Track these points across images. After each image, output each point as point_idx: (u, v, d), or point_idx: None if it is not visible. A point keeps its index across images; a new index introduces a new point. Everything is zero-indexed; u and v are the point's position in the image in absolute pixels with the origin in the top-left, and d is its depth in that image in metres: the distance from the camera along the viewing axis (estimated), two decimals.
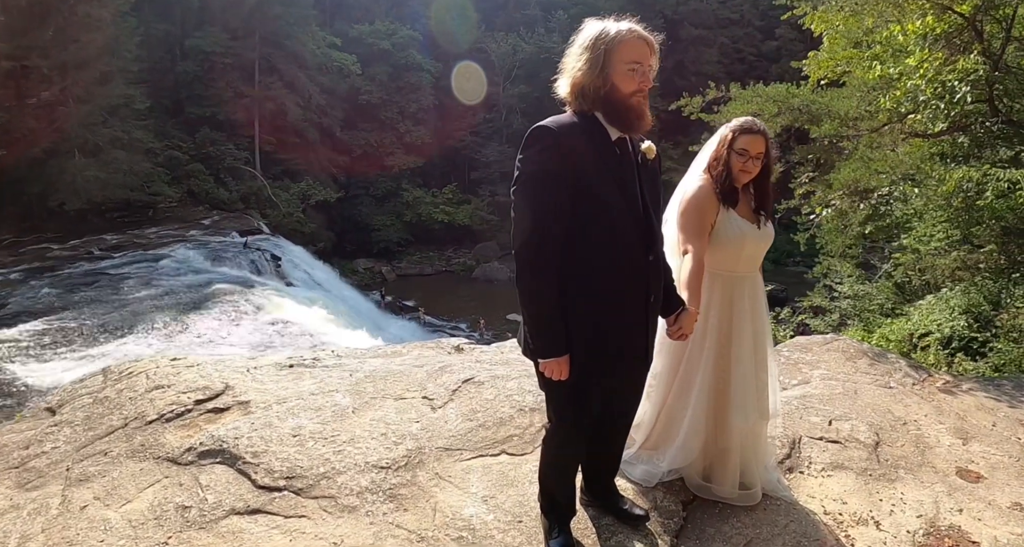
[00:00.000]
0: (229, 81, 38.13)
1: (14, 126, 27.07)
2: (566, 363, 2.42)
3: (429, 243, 45.41)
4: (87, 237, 27.40)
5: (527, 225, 2.38)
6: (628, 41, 2.47)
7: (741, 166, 3.13)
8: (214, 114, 37.85)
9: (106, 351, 15.52)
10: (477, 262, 44.22)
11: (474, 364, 4.74)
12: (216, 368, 4.75)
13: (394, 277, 42.49)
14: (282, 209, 37.41)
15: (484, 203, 45.43)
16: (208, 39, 37.71)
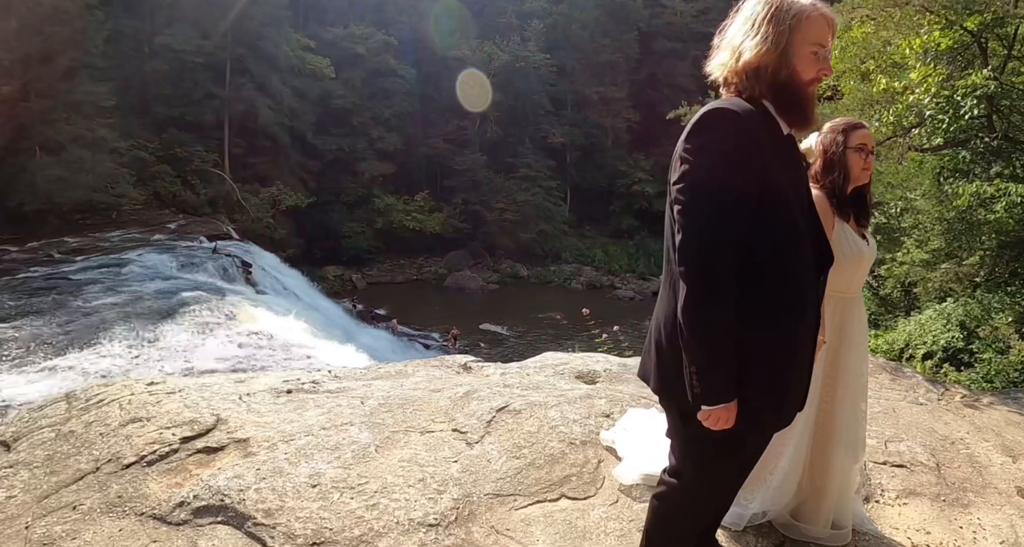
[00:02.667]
0: (199, 81, 37.08)
1: None
2: (735, 409, 1.97)
3: (400, 251, 44.77)
4: (46, 239, 26.11)
5: (704, 234, 1.89)
6: (814, 18, 2.03)
7: (863, 164, 2.84)
8: (183, 114, 36.72)
9: (68, 363, 14.51)
10: (448, 271, 43.80)
11: (502, 389, 4.14)
12: (202, 395, 4.02)
13: (364, 285, 41.83)
14: (251, 214, 36.50)
15: (456, 211, 44.92)
16: (178, 37, 36.48)
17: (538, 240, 45.52)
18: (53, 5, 27.77)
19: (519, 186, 45.26)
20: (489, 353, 31.53)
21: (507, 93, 46.23)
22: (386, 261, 44.33)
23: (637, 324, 34.57)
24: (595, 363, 4.77)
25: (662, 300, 2.11)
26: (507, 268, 45.09)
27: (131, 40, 37.15)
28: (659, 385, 2.13)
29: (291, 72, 40.46)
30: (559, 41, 49.61)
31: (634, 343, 16.01)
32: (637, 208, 49.60)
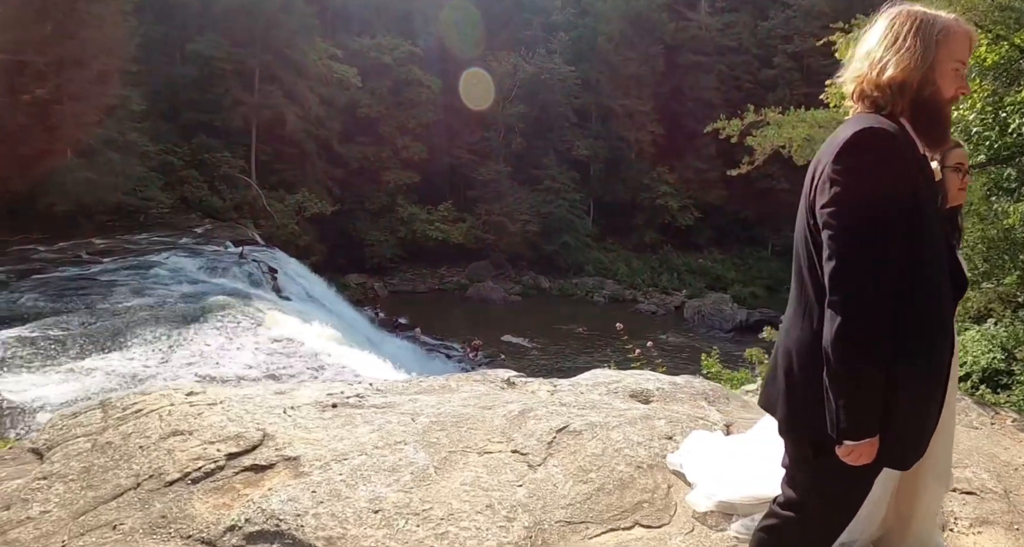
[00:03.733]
0: (228, 87, 37.18)
1: (5, 123, 25.91)
2: (876, 445, 1.89)
3: (422, 260, 44.64)
4: (75, 240, 26.20)
5: (860, 259, 1.83)
6: (959, 34, 2.00)
7: (960, 183, 2.82)
8: (211, 120, 36.88)
9: (94, 365, 14.35)
10: (471, 281, 43.61)
11: (558, 407, 3.94)
12: (245, 408, 3.80)
13: (386, 293, 41.74)
14: (276, 220, 36.39)
15: (479, 222, 44.73)
16: (209, 44, 36.76)
17: (561, 252, 45.22)
18: (88, 10, 27.92)
19: (543, 198, 45.02)
20: (511, 365, 31.06)
21: (532, 105, 46.07)
22: (408, 270, 44.25)
23: (666, 340, 34.41)
24: (646, 382, 4.60)
25: (792, 327, 2.03)
26: (529, 280, 44.82)
27: (163, 46, 37.50)
28: (788, 416, 2.04)
29: (318, 80, 40.48)
30: (584, 53, 49.43)
31: (667, 359, 15.71)
32: (660, 222, 49.22)
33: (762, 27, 53.00)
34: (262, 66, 37.94)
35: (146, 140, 31.42)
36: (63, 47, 27.14)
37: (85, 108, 27.92)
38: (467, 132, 47.05)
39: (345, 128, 42.48)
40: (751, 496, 2.95)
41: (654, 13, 51.79)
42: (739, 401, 4.51)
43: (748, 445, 3.18)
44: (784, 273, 33.91)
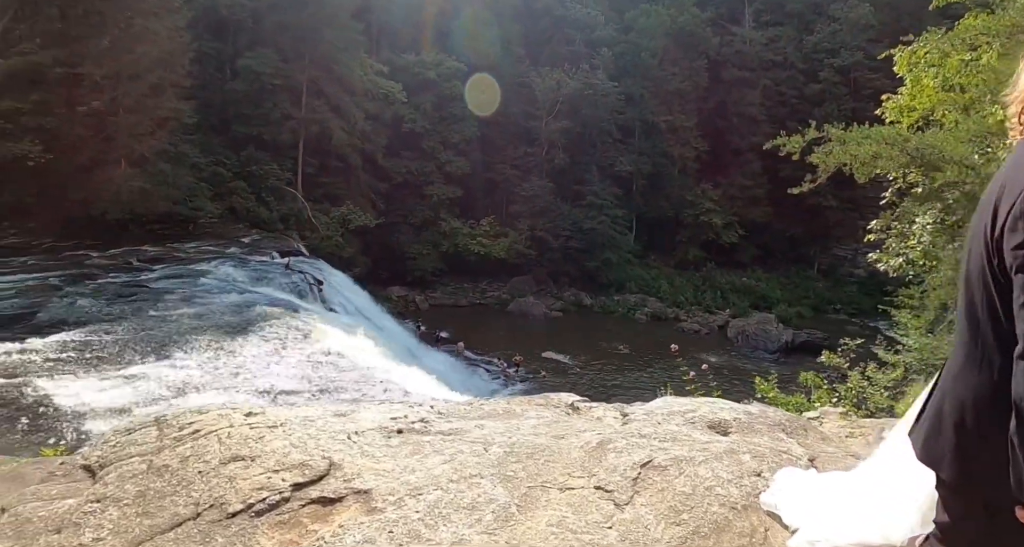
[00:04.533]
0: (277, 102, 37.68)
1: (63, 133, 26.59)
2: None
3: (464, 274, 44.56)
4: (127, 247, 26.61)
5: None
6: None
7: None
8: (260, 133, 37.29)
9: (142, 372, 14.32)
10: (512, 296, 43.35)
11: (639, 439, 3.65)
12: (308, 433, 3.55)
13: (427, 307, 41.69)
14: (321, 232, 36.68)
15: (522, 237, 44.41)
16: (259, 60, 37.24)
17: (603, 269, 44.72)
18: (144, 25, 28.50)
19: (585, 214, 44.56)
20: (552, 382, 30.81)
21: (575, 120, 45.77)
22: (450, 284, 44.18)
23: (710, 361, 33.57)
24: (721, 411, 4.35)
25: (964, 377, 1.81)
26: (571, 296, 44.37)
27: (214, 61, 38.12)
28: (960, 473, 1.83)
29: (364, 96, 40.79)
30: (627, 69, 49.00)
31: (723, 383, 15.16)
32: (704, 239, 48.45)
33: (807, 41, 52.14)
34: (310, 81, 38.37)
35: (197, 152, 31.91)
36: (120, 61, 27.74)
37: (139, 120, 28.52)
38: (510, 147, 47.01)
39: (390, 142, 42.64)
40: (859, 543, 2.72)
41: (698, 28, 51.34)
42: (815, 432, 4.27)
43: (851, 486, 2.94)
44: (830, 293, 33.16)
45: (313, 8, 37.24)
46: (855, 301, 46.45)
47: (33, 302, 19.00)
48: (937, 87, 9.88)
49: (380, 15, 44.27)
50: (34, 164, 25.08)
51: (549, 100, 45.54)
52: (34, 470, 3.76)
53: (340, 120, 38.58)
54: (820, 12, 52.99)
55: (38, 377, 13.60)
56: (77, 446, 10.44)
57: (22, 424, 11.80)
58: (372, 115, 40.86)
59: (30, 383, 13.22)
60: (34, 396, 12.76)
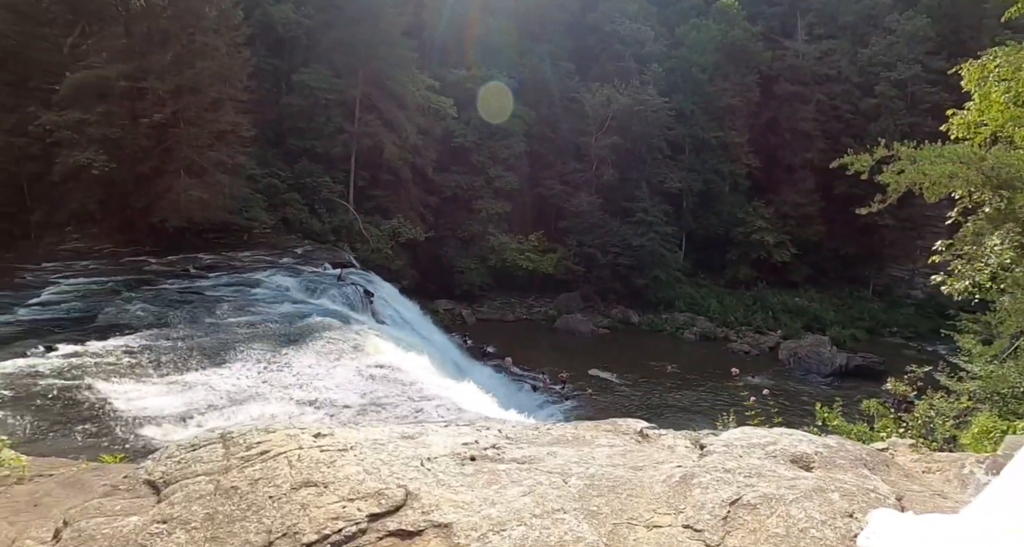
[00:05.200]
0: (331, 116, 38.17)
1: (126, 143, 27.19)
2: None
3: (511, 289, 44.40)
4: (184, 254, 27.05)
5: None
6: None
7: None
8: (314, 147, 37.76)
9: (197, 379, 14.14)
10: (559, 312, 43.01)
11: (723, 474, 3.61)
12: (380, 458, 3.55)
13: (474, 321, 41.52)
14: (371, 244, 36.79)
15: (570, 253, 44.08)
16: (314, 75, 37.86)
17: (651, 286, 44.00)
18: (204, 42, 28.96)
19: (634, 230, 43.93)
20: (598, 400, 30.22)
21: (624, 136, 45.26)
22: (497, 299, 44.03)
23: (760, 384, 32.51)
24: (800, 443, 4.27)
25: None
26: (618, 313, 43.76)
27: (271, 77, 38.79)
28: None
29: (416, 110, 40.95)
30: (678, 84, 48.43)
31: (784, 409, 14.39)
32: (755, 258, 47.40)
33: (862, 54, 50.89)
34: (363, 96, 38.71)
35: (253, 164, 32.31)
36: (181, 76, 28.26)
37: (199, 132, 28.93)
38: (559, 163, 46.71)
39: (440, 157, 42.75)
40: None
41: (749, 42, 50.65)
42: (897, 468, 4.13)
43: (960, 533, 2.75)
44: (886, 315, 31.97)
45: (367, 26, 37.69)
46: (912, 324, 44.88)
47: (94, 305, 19.23)
48: (1008, 102, 9.30)
49: (431, 32, 44.51)
50: (98, 173, 25.79)
51: (599, 116, 45.19)
52: (94, 477, 3.76)
53: (392, 134, 38.77)
54: (875, 24, 51.83)
55: (97, 379, 13.46)
56: (136, 451, 10.26)
57: (81, 427, 11.64)
58: (423, 130, 41.04)
59: (89, 385, 13.08)
60: (93, 398, 12.59)
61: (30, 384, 12.82)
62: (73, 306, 19.27)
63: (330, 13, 38.79)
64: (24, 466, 4.08)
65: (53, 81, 26.53)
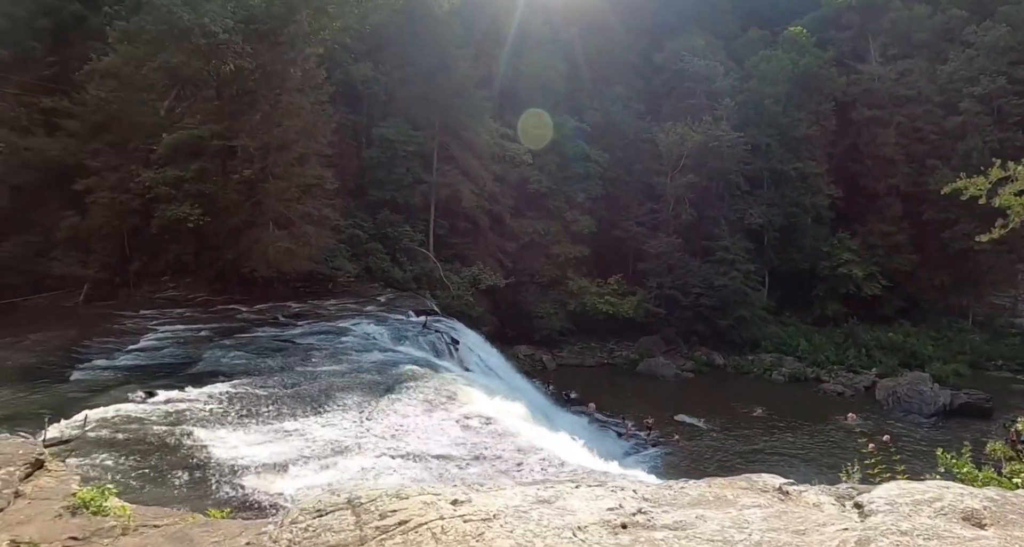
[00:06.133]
0: (409, 167, 38.60)
1: (219, 198, 28.11)
2: None
3: (592, 334, 43.43)
4: (272, 303, 27.38)
5: None
6: None
7: None
8: (394, 197, 38.17)
9: (294, 428, 13.72)
10: (641, 356, 41.79)
11: (898, 537, 3.47)
12: (529, 528, 3.43)
13: (555, 366, 40.67)
14: (452, 291, 36.64)
15: (651, 295, 42.85)
16: (392, 129, 38.51)
17: (735, 327, 42.31)
18: (290, 101, 29.85)
19: (716, 270, 42.50)
20: (686, 447, 28.91)
21: (700, 174, 44.27)
22: (577, 343, 43.19)
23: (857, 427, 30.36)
24: (965, 497, 4.05)
25: None
26: (702, 356, 42.21)
27: (352, 131, 39.61)
28: None
29: (491, 158, 41.29)
30: (751, 118, 47.23)
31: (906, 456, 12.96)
32: (843, 292, 45.11)
33: (941, 71, 48.32)
34: (440, 147, 39.20)
35: (337, 215, 32.70)
36: (269, 133, 29.13)
37: (286, 186, 29.49)
38: (635, 204, 45.96)
39: (516, 203, 42.73)
40: None
41: (822, 69, 49.12)
42: None
43: None
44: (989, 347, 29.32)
45: (441, 80, 38.37)
46: (1019, 355, 41.67)
47: (190, 352, 19.34)
48: None
49: (503, 81, 44.90)
50: (193, 226, 26.77)
51: (673, 155, 44.40)
52: (203, 533, 3.67)
53: (469, 183, 39.04)
54: (952, 39, 49.41)
55: (195, 426, 13.15)
56: (239, 504, 9.94)
57: (180, 474, 11.26)
58: (499, 177, 41.26)
59: (188, 432, 12.76)
60: (191, 445, 12.24)
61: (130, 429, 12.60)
62: (171, 352, 19.43)
63: (406, 69, 39.73)
64: (129, 515, 3.96)
65: (152, 142, 28.05)
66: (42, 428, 11.59)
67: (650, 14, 55.72)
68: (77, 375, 17.11)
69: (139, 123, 28.97)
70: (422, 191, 38.48)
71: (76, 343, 20.68)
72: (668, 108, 48.92)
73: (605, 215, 45.18)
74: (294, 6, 29.30)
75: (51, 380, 16.57)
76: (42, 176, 29.41)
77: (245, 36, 27.16)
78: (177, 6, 25.76)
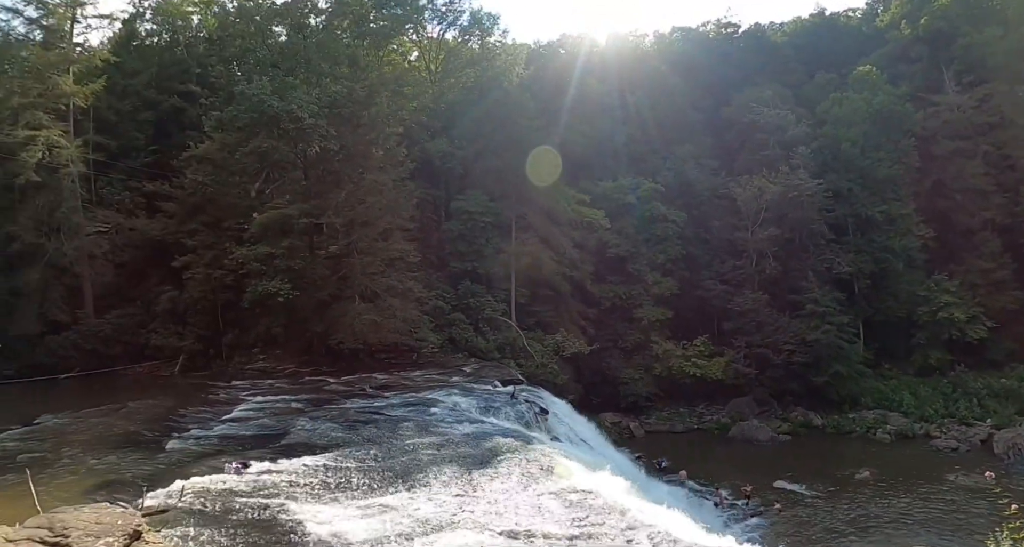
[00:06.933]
0: (489, 238, 38.71)
1: (307, 273, 28.83)
2: None
3: (679, 398, 41.59)
4: (359, 374, 27.35)
5: None
6: None
7: None
8: (475, 268, 38.10)
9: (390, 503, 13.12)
10: (732, 420, 39.66)
11: None
12: None
13: (642, 433, 38.93)
14: (536, 359, 35.86)
15: (739, 355, 40.80)
16: (469, 201, 38.82)
17: (832, 383, 39.72)
18: (373, 179, 30.87)
19: (806, 324, 40.23)
20: (789, 516, 26.57)
21: (782, 226, 42.57)
22: (665, 409, 41.48)
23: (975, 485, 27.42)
24: None
25: None
26: (798, 416, 39.73)
27: (431, 205, 40.24)
28: None
29: (569, 225, 40.98)
30: (829, 163, 45.41)
31: None
32: (946, 338, 41.82)
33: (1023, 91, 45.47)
34: (518, 217, 39.21)
35: (420, 287, 32.79)
36: (354, 210, 30.11)
37: (371, 260, 30.03)
38: (717, 262, 44.53)
39: (596, 268, 42.08)
40: None
41: (896, 106, 46.99)
42: None
43: None
44: None
45: (515, 151, 38.70)
46: None
47: (282, 423, 19.21)
48: None
49: (575, 148, 45.03)
50: (283, 300, 27.50)
51: (752, 209, 43.03)
52: None
53: (548, 250, 38.73)
54: None
55: (289, 500, 12.72)
56: None
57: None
58: (578, 243, 40.82)
59: (283, 506, 12.32)
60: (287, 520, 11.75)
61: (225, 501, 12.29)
62: (263, 423, 19.40)
63: (481, 143, 40.38)
64: None
65: (244, 221, 29.50)
66: (139, 497, 11.53)
67: (710, 71, 55.43)
68: (173, 444, 17.28)
69: (232, 204, 30.52)
70: (502, 260, 38.27)
71: (172, 412, 21.16)
72: (742, 162, 47.75)
73: (686, 275, 43.85)
74: (374, 90, 30.46)
75: (148, 448, 16.78)
76: (144, 254, 31.46)
77: (329, 120, 28.24)
78: (267, 96, 27.07)
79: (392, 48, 44.98)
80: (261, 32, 36.77)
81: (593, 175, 45.94)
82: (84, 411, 20.96)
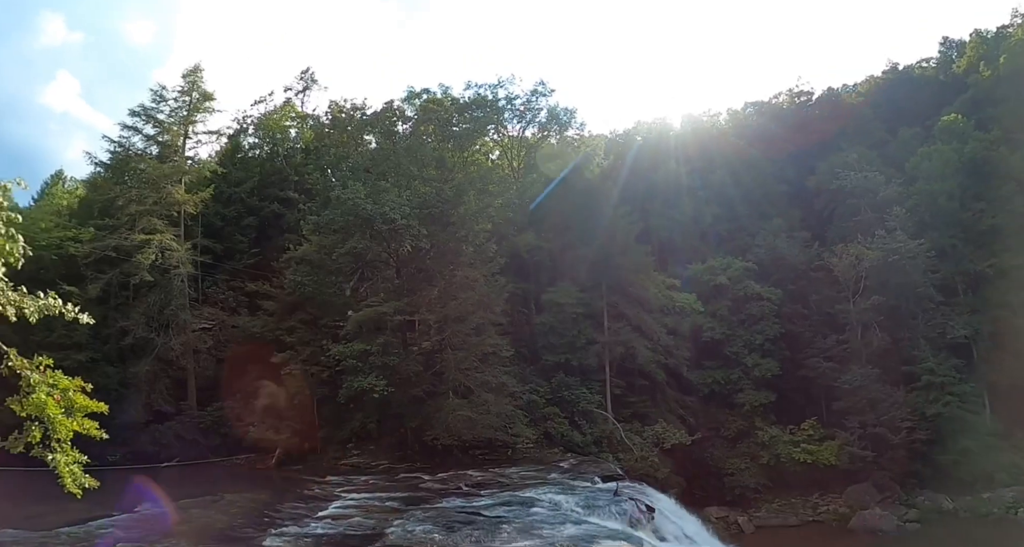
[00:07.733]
0: (580, 329, 38.02)
1: (401, 369, 28.89)
2: None
3: (790, 488, 38.44)
4: (454, 471, 26.88)
5: None
6: None
7: None
8: (568, 360, 37.28)
9: None
10: (852, 509, 36.35)
11: None
12: None
13: (752, 529, 35.86)
14: (636, 453, 34.40)
15: (853, 437, 37.55)
16: (560, 293, 38.47)
17: (960, 461, 36.15)
18: (464, 275, 31.39)
19: (924, 397, 37.29)
20: None
21: (885, 293, 39.79)
22: (775, 500, 38.33)
23: None
24: None
25: None
26: (925, 501, 36.18)
27: (522, 299, 40.08)
28: None
29: (661, 311, 39.98)
30: (927, 222, 42.78)
31: None
32: None
33: None
34: (609, 306, 38.55)
35: (514, 381, 32.37)
36: (447, 307, 30.52)
37: (465, 356, 30.08)
38: (818, 338, 42.00)
39: (692, 354, 40.65)
40: None
41: (990, 152, 44.33)
42: None
43: None
44: None
45: (602, 240, 38.59)
46: None
47: (379, 523, 18.79)
48: None
49: (661, 232, 44.71)
50: (378, 396, 27.67)
51: (851, 278, 40.93)
52: None
53: (642, 338, 37.73)
54: None
55: None
56: None
57: None
58: (671, 329, 39.66)
59: None
60: None
61: None
62: (359, 522, 19.03)
63: (567, 235, 40.51)
64: None
65: (340, 319, 30.22)
66: None
67: (789, 141, 53.79)
68: (270, 541, 17.10)
69: (328, 302, 31.68)
70: (595, 351, 37.47)
71: (268, 506, 21.19)
72: (834, 230, 45.85)
73: (788, 354, 41.54)
74: (461, 189, 31.26)
75: (245, 544, 16.77)
76: (244, 350, 32.57)
77: (420, 220, 29.08)
78: (361, 199, 28.27)
79: (475, 148, 46.38)
80: (354, 141, 38.96)
81: (682, 258, 45.19)
82: (183, 501, 21.23)
